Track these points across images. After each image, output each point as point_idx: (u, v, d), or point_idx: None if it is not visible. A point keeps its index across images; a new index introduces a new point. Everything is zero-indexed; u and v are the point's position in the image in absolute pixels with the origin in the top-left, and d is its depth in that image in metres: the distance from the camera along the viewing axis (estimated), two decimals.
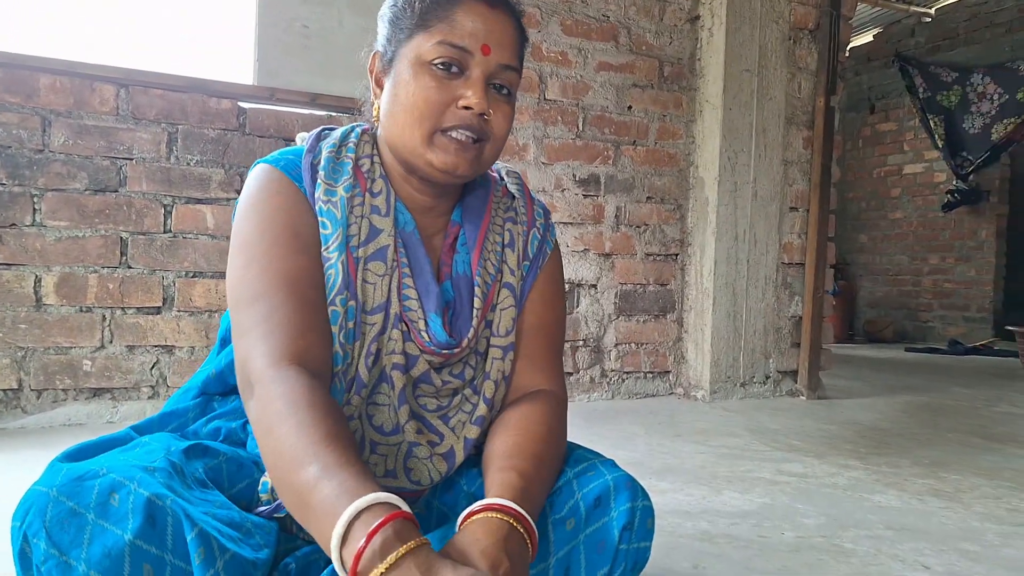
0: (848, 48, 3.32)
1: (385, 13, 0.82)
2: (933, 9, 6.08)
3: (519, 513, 0.64)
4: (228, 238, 2.10)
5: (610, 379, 2.83)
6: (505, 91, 0.79)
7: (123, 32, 2.32)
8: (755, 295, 2.91)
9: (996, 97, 5.00)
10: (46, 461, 0.69)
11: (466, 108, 0.75)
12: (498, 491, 0.67)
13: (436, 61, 0.75)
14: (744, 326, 2.89)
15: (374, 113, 0.83)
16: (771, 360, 2.96)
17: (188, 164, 2.19)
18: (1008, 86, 4.93)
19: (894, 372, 4.01)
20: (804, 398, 2.95)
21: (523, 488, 0.68)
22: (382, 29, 0.82)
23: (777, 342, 2.97)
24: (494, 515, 0.63)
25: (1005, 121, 4.96)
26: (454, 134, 0.76)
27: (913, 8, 6.01)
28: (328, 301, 0.76)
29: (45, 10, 2.26)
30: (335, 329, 0.75)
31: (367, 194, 0.80)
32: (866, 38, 6.62)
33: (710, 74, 2.86)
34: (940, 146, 5.31)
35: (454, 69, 0.75)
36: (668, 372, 2.95)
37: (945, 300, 6.06)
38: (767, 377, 2.95)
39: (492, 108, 0.77)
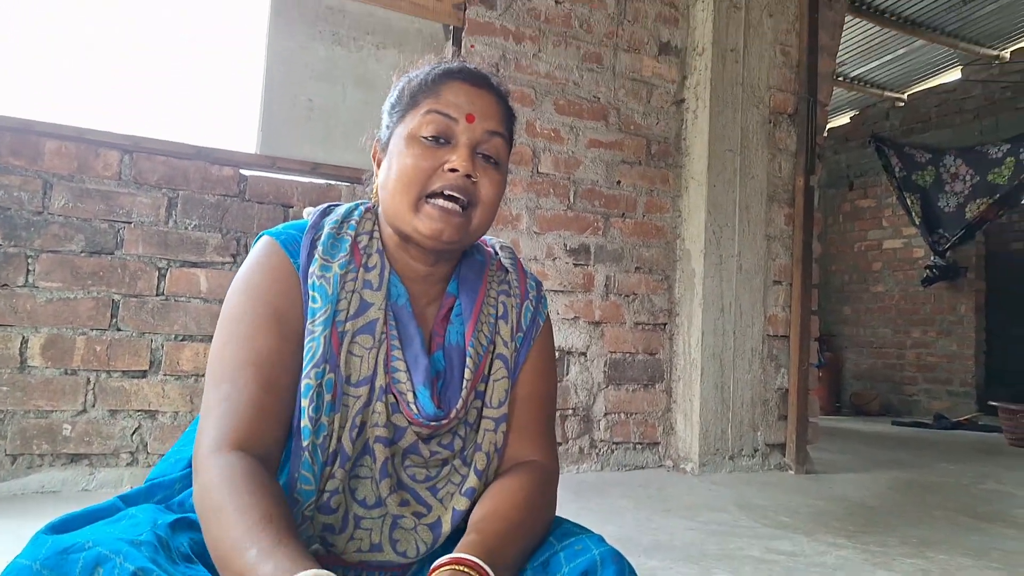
0: (826, 129, 3.48)
1: (385, 106, 0.89)
2: (906, 95, 6.43)
3: (473, 563, 0.65)
4: (220, 301, 2.13)
5: (599, 450, 2.80)
6: (492, 160, 0.83)
7: (133, 101, 2.40)
8: (742, 366, 2.93)
9: (968, 178, 5.21)
10: (16, 530, 0.68)
11: (452, 171, 0.79)
12: (458, 549, 0.68)
13: (424, 134, 0.80)
14: (732, 397, 2.89)
15: (374, 191, 0.88)
16: (759, 433, 2.95)
17: (186, 228, 2.22)
18: (979, 168, 5.15)
19: (881, 446, 3.99)
20: (792, 472, 2.92)
21: (482, 543, 0.69)
22: (383, 119, 0.89)
23: (764, 414, 2.97)
24: (447, 568, 0.65)
25: (978, 201, 5.15)
26: (440, 201, 0.79)
27: (887, 93, 6.36)
28: (303, 375, 0.77)
29: (57, 78, 2.34)
30: (305, 402, 0.76)
31: (361, 269, 0.83)
32: (843, 119, 6.95)
33: (695, 153, 2.99)
34: (917, 223, 5.49)
35: (442, 140, 0.81)
36: (657, 443, 2.92)
37: (929, 374, 6.12)
38: (755, 450, 2.93)
39: (479, 173, 0.81)
